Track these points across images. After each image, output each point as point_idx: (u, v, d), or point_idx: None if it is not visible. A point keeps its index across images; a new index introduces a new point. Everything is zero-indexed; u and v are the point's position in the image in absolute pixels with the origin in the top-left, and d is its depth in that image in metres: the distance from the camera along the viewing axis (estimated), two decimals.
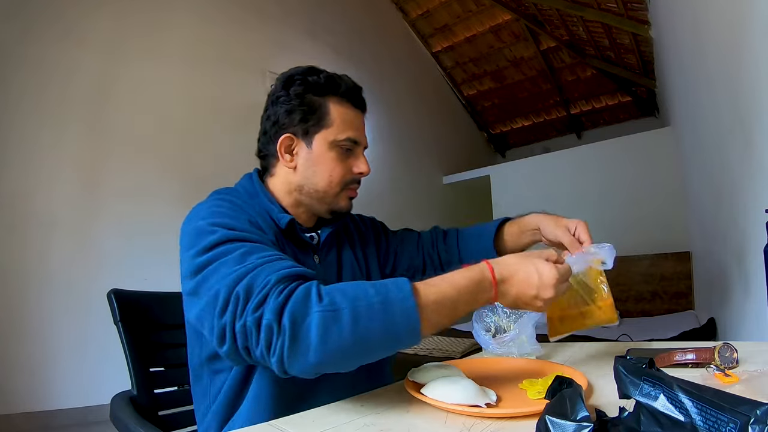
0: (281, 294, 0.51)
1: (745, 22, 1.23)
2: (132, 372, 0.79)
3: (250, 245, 0.60)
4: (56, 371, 2.30)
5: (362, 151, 0.81)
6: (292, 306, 0.50)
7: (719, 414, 0.34)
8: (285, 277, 0.53)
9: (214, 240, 0.61)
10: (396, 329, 0.51)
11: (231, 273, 0.56)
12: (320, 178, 0.78)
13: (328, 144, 0.77)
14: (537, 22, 4.72)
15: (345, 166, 0.79)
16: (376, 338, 0.51)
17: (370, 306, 0.51)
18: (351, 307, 0.50)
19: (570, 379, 0.53)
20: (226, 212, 0.67)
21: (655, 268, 3.67)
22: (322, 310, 0.50)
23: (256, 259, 0.57)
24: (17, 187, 2.31)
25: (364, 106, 0.83)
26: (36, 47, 2.41)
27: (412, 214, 4.78)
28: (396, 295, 0.52)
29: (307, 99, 0.76)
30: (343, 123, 0.77)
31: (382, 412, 0.56)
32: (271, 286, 0.52)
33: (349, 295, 0.52)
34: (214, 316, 0.55)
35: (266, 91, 3.21)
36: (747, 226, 1.44)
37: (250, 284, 0.53)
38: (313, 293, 0.51)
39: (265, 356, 0.51)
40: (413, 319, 0.52)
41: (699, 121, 2.29)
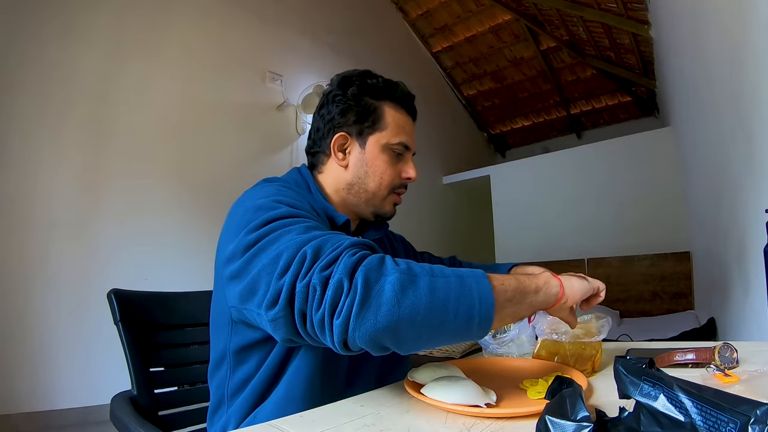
0: (355, 255, 0.49)
1: (745, 22, 1.23)
2: (132, 372, 0.79)
3: (315, 223, 0.59)
4: (56, 371, 2.30)
5: (411, 156, 0.84)
6: (367, 266, 0.48)
7: (719, 414, 0.34)
8: (358, 243, 0.52)
9: (278, 214, 0.58)
10: (471, 309, 0.49)
11: (296, 238, 0.53)
12: (371, 179, 0.78)
13: (381, 146, 0.78)
14: (537, 22, 4.72)
15: (395, 170, 0.80)
16: (450, 312, 0.48)
17: (447, 281, 0.49)
18: (429, 277, 0.49)
19: (570, 379, 0.53)
20: (290, 194, 0.67)
21: (655, 268, 3.67)
22: (399, 272, 0.47)
23: (322, 233, 0.55)
24: (17, 187, 2.31)
25: (416, 113, 0.85)
26: (36, 47, 2.41)
27: (412, 214, 4.78)
28: (472, 277, 0.51)
29: (364, 101, 0.78)
30: (397, 127, 0.79)
31: (382, 412, 0.56)
32: (345, 248, 0.50)
33: (426, 268, 0.50)
34: (272, 277, 0.51)
35: (266, 91, 3.21)
36: (747, 226, 1.44)
37: (319, 245, 0.51)
38: (388, 259, 0.50)
39: (325, 320, 0.47)
40: (489, 302, 0.50)
41: (699, 121, 2.29)
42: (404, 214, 5.31)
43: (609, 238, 4.02)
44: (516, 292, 0.55)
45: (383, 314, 0.46)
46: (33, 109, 2.38)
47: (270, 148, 3.49)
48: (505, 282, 0.54)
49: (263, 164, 3.42)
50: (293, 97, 3.63)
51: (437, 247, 5.11)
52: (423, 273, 0.49)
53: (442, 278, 0.49)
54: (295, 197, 0.67)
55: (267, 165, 3.43)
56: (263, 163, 3.42)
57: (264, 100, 3.53)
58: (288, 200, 0.63)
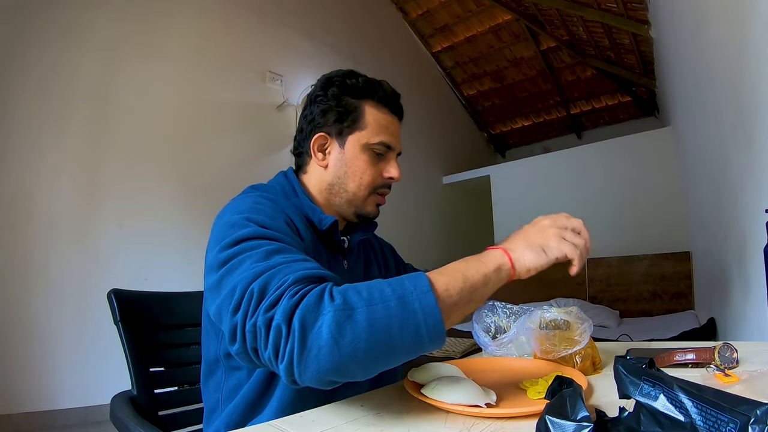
0: (295, 295, 0.49)
1: (746, 21, 1.23)
2: (132, 372, 0.79)
3: (279, 244, 0.59)
4: (57, 371, 2.30)
5: (395, 156, 0.82)
6: (304, 307, 0.47)
7: (719, 414, 0.34)
8: (302, 279, 0.51)
9: (245, 234, 0.59)
10: (418, 330, 0.48)
11: (251, 269, 0.54)
12: (351, 180, 0.78)
13: (361, 146, 0.77)
14: (537, 22, 4.72)
15: (376, 170, 0.79)
16: (395, 339, 0.47)
17: (387, 306, 0.48)
18: (367, 305, 0.47)
19: (570, 379, 0.53)
20: (265, 210, 0.66)
21: (655, 268, 3.67)
22: (334, 309, 0.47)
23: (280, 259, 0.55)
24: (17, 187, 2.31)
25: (401, 112, 0.83)
26: (36, 47, 2.41)
27: (412, 214, 4.78)
28: (414, 292, 0.49)
29: (344, 101, 0.77)
30: (378, 127, 0.78)
31: (382, 412, 0.56)
32: (287, 287, 0.50)
33: (364, 294, 0.49)
34: (228, 313, 0.53)
35: (266, 91, 3.21)
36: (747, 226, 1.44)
37: (266, 282, 0.51)
38: (326, 294, 0.49)
39: (272, 361, 0.48)
40: (435, 318, 0.49)
41: (699, 121, 2.29)
42: (404, 214, 5.30)
43: (609, 238, 4.02)
44: (463, 294, 0.53)
45: (324, 357, 0.46)
46: (34, 110, 2.39)
47: (270, 148, 3.49)
48: (450, 286, 0.52)
49: (263, 164, 3.41)
50: (293, 97, 3.63)
51: (437, 247, 5.11)
52: (360, 304, 0.48)
53: (381, 304, 0.48)
54: (270, 212, 0.66)
55: (267, 165, 3.43)
56: (263, 163, 3.42)
57: (264, 100, 3.53)
58: (259, 218, 0.63)
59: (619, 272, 3.85)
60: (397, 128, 0.82)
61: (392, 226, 4.82)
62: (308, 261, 0.56)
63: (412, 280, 0.51)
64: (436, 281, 0.52)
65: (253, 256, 0.55)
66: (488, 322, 0.90)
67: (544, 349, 0.71)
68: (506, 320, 0.90)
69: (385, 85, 0.80)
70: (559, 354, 0.70)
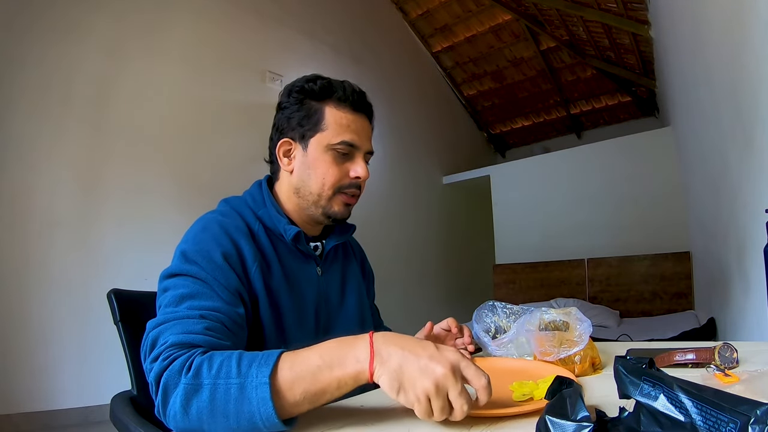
0: (166, 359, 0.54)
1: (746, 22, 1.23)
2: (132, 372, 0.79)
3: (196, 287, 0.64)
4: (56, 371, 2.30)
5: (362, 155, 0.80)
6: (167, 374, 0.53)
7: (719, 414, 0.34)
8: (178, 344, 0.56)
9: (174, 269, 0.67)
10: (252, 417, 0.49)
11: (160, 314, 0.62)
12: (314, 181, 0.78)
13: (323, 147, 0.77)
14: (537, 22, 4.72)
15: (341, 170, 0.78)
16: (232, 419, 0.49)
17: (228, 388, 0.50)
18: (212, 382, 0.51)
19: (570, 379, 0.53)
20: (206, 242, 0.70)
21: (655, 268, 3.67)
22: (186, 381, 0.51)
23: (184, 309, 0.61)
24: (17, 186, 2.31)
25: (367, 110, 0.82)
26: (36, 47, 2.41)
27: (412, 214, 4.78)
28: (254, 381, 0.50)
29: (305, 104, 0.78)
30: (339, 126, 0.77)
31: (382, 412, 0.56)
32: (165, 348, 0.56)
33: (214, 370, 0.52)
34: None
35: (266, 91, 3.21)
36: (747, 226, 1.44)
37: (157, 336, 0.59)
38: (186, 364, 0.53)
39: None
40: (268, 411, 0.49)
41: (699, 121, 2.29)
42: (404, 214, 5.29)
43: (609, 238, 4.02)
44: (308, 395, 0.50)
45: (178, 421, 0.51)
46: (34, 110, 2.39)
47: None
48: (295, 384, 0.50)
49: (263, 164, 3.39)
50: None
51: (437, 247, 5.11)
52: (207, 381, 0.51)
53: (224, 384, 0.50)
54: (209, 244, 0.69)
55: (266, 165, 3.42)
56: (263, 163, 3.40)
57: (264, 100, 3.53)
58: (193, 252, 0.68)
59: (619, 272, 3.85)
60: (361, 126, 0.80)
61: (392, 225, 4.84)
62: (201, 320, 0.60)
63: (260, 365, 0.51)
64: (281, 376, 0.50)
65: (170, 297, 0.63)
66: (488, 322, 0.90)
67: (544, 351, 0.71)
68: (506, 320, 0.90)
69: (346, 84, 0.80)
70: (559, 355, 0.70)
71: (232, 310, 0.65)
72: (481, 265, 5.36)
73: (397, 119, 4.71)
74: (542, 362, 0.73)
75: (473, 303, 0.98)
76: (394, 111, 4.69)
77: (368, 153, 0.82)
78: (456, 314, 0.88)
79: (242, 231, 0.74)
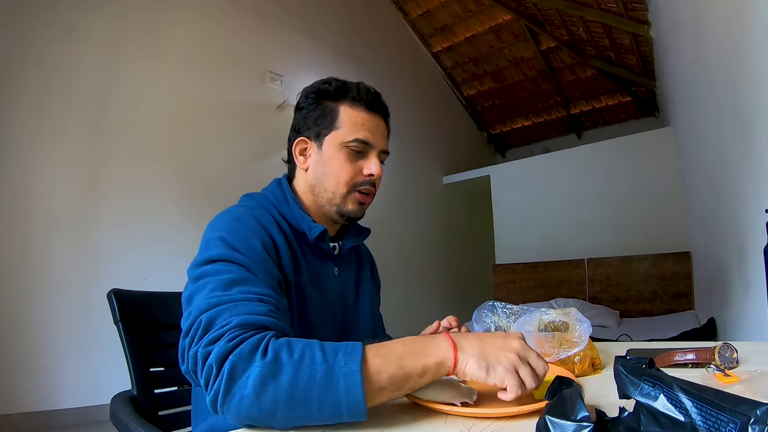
0: (233, 340, 0.51)
1: (746, 22, 1.23)
2: (132, 372, 0.79)
3: (242, 272, 0.62)
4: (56, 371, 2.30)
5: (376, 153, 0.82)
6: (237, 355, 0.50)
7: (719, 414, 0.34)
8: (244, 324, 0.54)
9: (214, 255, 0.64)
10: (338, 404, 0.49)
11: (208, 298, 0.58)
12: (329, 178, 0.79)
13: (338, 145, 0.78)
14: (537, 22, 4.72)
15: (354, 167, 0.80)
16: (314, 407, 0.48)
17: (314, 372, 0.49)
18: (294, 367, 0.49)
19: (570, 379, 0.53)
20: (241, 229, 0.68)
21: (655, 268, 3.67)
22: (263, 365, 0.49)
23: (236, 293, 0.58)
24: (17, 187, 2.31)
25: (382, 110, 0.84)
26: (36, 47, 2.41)
27: (412, 214, 4.78)
28: (344, 367, 0.50)
29: (321, 104, 0.80)
30: (354, 125, 0.79)
31: (382, 412, 0.56)
32: (229, 329, 0.53)
33: (296, 355, 0.50)
34: (182, 334, 0.58)
35: (266, 91, 3.20)
36: (747, 226, 1.44)
37: (213, 317, 0.55)
38: (261, 346, 0.51)
39: (204, 389, 0.52)
40: (356, 398, 0.49)
41: (699, 121, 2.29)
42: (404, 214, 5.28)
43: (609, 238, 4.02)
44: (394, 380, 0.51)
45: (245, 407, 0.48)
46: (34, 110, 2.39)
47: (270, 148, 3.48)
48: (382, 369, 0.51)
49: (263, 164, 3.42)
50: (293, 97, 3.62)
51: (437, 247, 5.11)
52: (289, 365, 0.49)
53: (308, 370, 0.49)
54: (246, 232, 0.68)
55: (267, 165, 3.43)
56: (263, 163, 3.42)
57: (264, 100, 3.53)
58: (233, 239, 0.66)
59: (619, 272, 3.85)
60: (375, 125, 0.82)
61: (392, 225, 4.84)
62: (261, 303, 0.58)
63: (347, 353, 0.51)
64: (370, 363, 0.51)
65: (215, 282, 0.60)
66: (488, 322, 0.90)
67: (544, 352, 0.71)
68: (506, 320, 0.90)
69: (361, 85, 0.82)
70: (559, 356, 0.70)
71: (279, 297, 0.64)
72: (481, 265, 5.35)
73: (398, 119, 4.67)
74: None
75: (473, 303, 0.98)
76: (394, 111, 4.61)
77: (383, 152, 0.83)
78: (456, 314, 0.88)
79: (273, 224, 0.74)
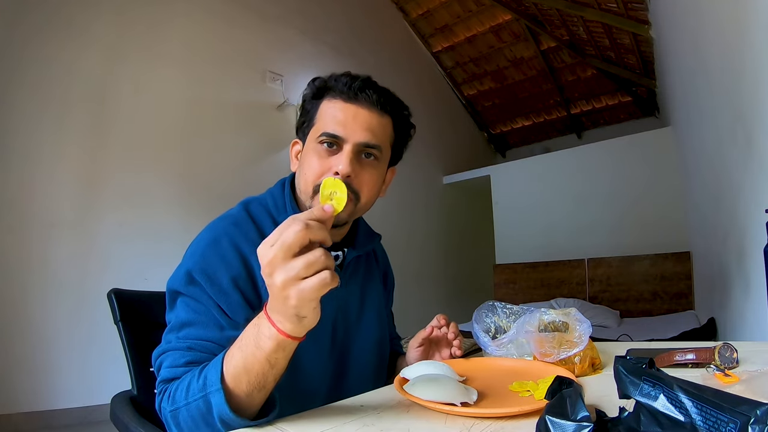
0: (158, 395, 0.63)
1: (746, 22, 1.23)
2: (132, 372, 0.79)
3: (192, 315, 0.67)
4: (57, 371, 2.30)
5: (351, 147, 0.71)
6: (160, 408, 0.62)
7: (719, 414, 0.34)
8: (162, 381, 0.64)
9: (181, 288, 0.68)
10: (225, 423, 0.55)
11: (163, 342, 0.67)
12: (300, 179, 0.75)
13: (312, 142, 0.74)
14: (537, 22, 4.72)
15: (322, 164, 0.71)
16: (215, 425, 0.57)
17: (198, 403, 0.57)
18: (186, 405, 0.58)
19: (570, 379, 0.53)
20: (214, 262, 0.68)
21: (655, 268, 3.67)
22: (169, 410, 0.60)
23: (178, 339, 0.65)
24: (18, 187, 2.31)
25: (365, 99, 0.73)
26: (35, 45, 2.41)
27: (412, 214, 4.78)
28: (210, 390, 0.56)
29: (308, 103, 0.78)
30: (327, 118, 0.73)
31: (382, 412, 0.56)
32: (158, 383, 0.64)
33: (183, 393, 0.59)
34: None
35: (266, 91, 3.20)
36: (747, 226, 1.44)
37: (158, 366, 0.66)
38: (167, 396, 0.61)
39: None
40: (225, 413, 0.54)
41: (699, 121, 2.29)
42: (404, 214, 5.28)
43: (609, 238, 4.02)
44: (251, 384, 0.54)
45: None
46: (32, 108, 2.38)
47: (270, 147, 3.49)
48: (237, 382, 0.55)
49: (263, 164, 3.42)
50: (293, 97, 3.63)
51: (437, 247, 5.11)
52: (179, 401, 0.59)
53: (194, 402, 0.57)
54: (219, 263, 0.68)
55: (267, 165, 3.43)
56: (263, 163, 3.42)
57: (264, 100, 3.53)
58: (200, 272, 0.67)
59: (619, 272, 3.85)
60: (353, 114, 0.72)
61: (392, 225, 4.83)
62: (188, 352, 0.64)
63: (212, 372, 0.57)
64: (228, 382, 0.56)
65: (174, 320, 0.67)
66: (488, 322, 0.90)
67: (544, 352, 0.71)
68: (506, 320, 0.90)
69: (344, 75, 0.75)
70: (559, 356, 0.70)
71: (226, 337, 0.63)
72: (481, 265, 5.35)
73: None
74: (542, 362, 0.73)
75: (473, 303, 0.98)
76: None
77: (367, 146, 0.72)
78: (456, 314, 0.89)
79: (254, 242, 0.69)
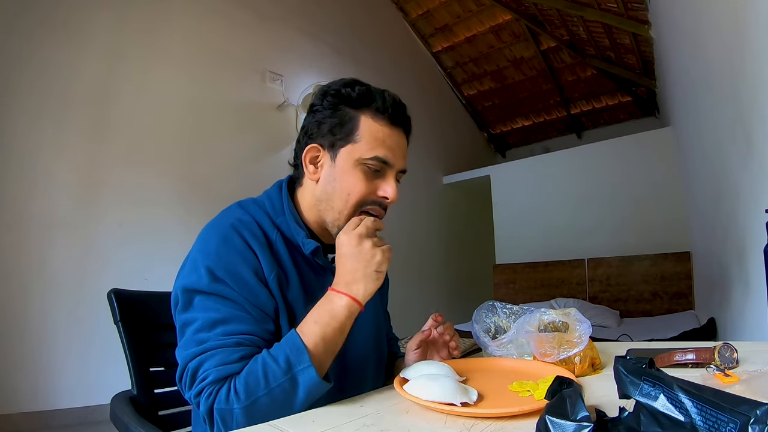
0: (210, 396, 0.60)
1: (746, 22, 1.23)
2: (132, 372, 0.79)
3: (227, 310, 0.65)
4: (57, 371, 2.30)
5: (394, 174, 0.73)
6: (219, 411, 0.59)
7: (719, 414, 0.34)
8: (215, 381, 0.60)
9: (203, 287, 0.65)
10: (312, 395, 0.60)
11: (192, 344, 0.63)
12: (338, 197, 0.72)
13: (354, 161, 0.71)
14: (537, 22, 4.72)
15: (369, 187, 0.72)
16: (298, 405, 0.60)
17: (282, 384, 0.59)
18: (267, 393, 0.59)
19: (570, 379, 0.53)
20: (231, 257, 0.67)
21: (655, 268, 3.67)
22: (240, 406, 0.58)
23: (219, 336, 0.63)
24: (17, 187, 2.31)
25: (405, 125, 0.76)
26: (36, 47, 2.41)
27: (412, 214, 4.78)
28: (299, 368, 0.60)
29: (339, 111, 0.72)
30: (374, 140, 0.71)
31: (382, 412, 0.56)
32: (206, 385, 0.60)
33: (261, 381, 0.59)
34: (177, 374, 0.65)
35: (266, 91, 3.20)
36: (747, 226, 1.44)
37: (196, 368, 0.62)
38: (232, 394, 0.59)
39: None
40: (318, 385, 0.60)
41: (699, 121, 2.29)
42: (404, 214, 5.27)
43: (609, 238, 4.02)
44: (328, 354, 0.64)
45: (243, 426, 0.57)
46: (31, 108, 2.38)
47: (270, 147, 3.49)
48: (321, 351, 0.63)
49: (263, 164, 3.41)
50: (293, 96, 3.63)
51: (437, 247, 5.11)
52: (262, 391, 0.59)
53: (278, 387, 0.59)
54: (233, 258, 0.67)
55: (267, 165, 3.43)
56: (263, 163, 3.42)
57: (264, 99, 3.52)
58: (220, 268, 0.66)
59: (619, 272, 3.84)
60: (397, 142, 0.73)
61: (392, 225, 4.81)
62: (237, 348, 0.62)
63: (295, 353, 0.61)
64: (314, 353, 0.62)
65: (201, 321, 0.64)
66: (488, 322, 0.90)
67: (544, 352, 0.71)
68: (506, 320, 0.90)
69: (387, 94, 0.74)
70: (559, 356, 0.70)
71: (264, 329, 0.66)
72: (481, 265, 5.35)
73: None
74: (542, 362, 0.73)
75: (473, 303, 0.98)
76: None
77: (401, 172, 0.76)
78: (456, 314, 0.88)
79: (260, 241, 0.69)
